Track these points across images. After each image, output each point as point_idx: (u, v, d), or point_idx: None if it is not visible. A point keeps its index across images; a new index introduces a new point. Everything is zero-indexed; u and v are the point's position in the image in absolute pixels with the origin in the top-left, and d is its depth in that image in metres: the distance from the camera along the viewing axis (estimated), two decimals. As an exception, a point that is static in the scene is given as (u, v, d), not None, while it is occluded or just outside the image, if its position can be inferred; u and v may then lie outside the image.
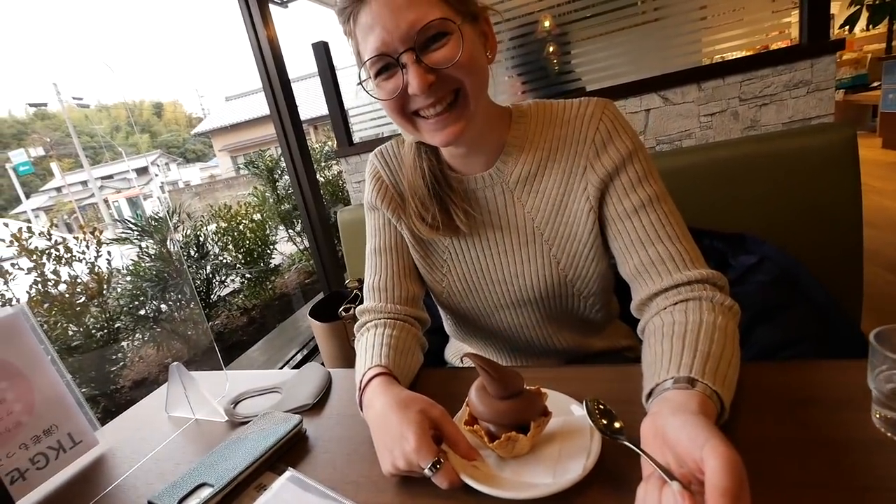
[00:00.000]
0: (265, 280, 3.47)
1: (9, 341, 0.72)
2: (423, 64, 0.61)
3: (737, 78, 1.96)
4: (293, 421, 0.71)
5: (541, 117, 0.75)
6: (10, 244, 1.69)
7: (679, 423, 0.41)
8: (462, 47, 0.61)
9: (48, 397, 0.74)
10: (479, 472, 0.53)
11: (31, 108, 5.01)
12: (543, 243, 0.76)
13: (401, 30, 0.59)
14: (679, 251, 0.66)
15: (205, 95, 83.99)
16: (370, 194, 0.84)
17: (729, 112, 2.01)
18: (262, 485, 0.63)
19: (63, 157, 4.73)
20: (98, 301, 1.95)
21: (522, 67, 2.44)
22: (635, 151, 0.70)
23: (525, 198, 0.76)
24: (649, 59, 2.22)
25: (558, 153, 0.73)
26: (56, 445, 0.74)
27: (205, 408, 0.83)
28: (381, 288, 0.82)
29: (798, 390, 0.56)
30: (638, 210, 0.68)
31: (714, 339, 0.55)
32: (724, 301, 0.62)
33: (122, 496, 0.67)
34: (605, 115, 0.71)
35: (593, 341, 0.88)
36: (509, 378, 0.55)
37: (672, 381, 0.50)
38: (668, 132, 2.10)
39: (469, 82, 0.64)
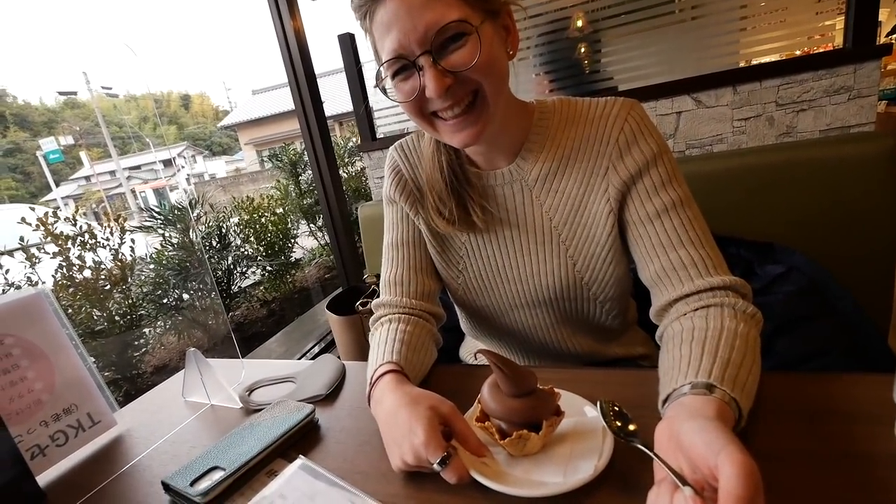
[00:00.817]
0: (285, 273, 3.51)
1: (30, 321, 0.74)
2: (440, 67, 0.60)
3: (775, 82, 1.89)
4: (306, 410, 0.72)
5: (564, 114, 0.73)
6: (36, 228, 1.75)
7: (695, 428, 0.40)
8: (480, 49, 0.60)
9: (68, 378, 0.76)
10: (488, 469, 0.53)
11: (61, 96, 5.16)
12: (560, 244, 0.75)
13: (418, 31, 0.58)
14: (702, 256, 0.65)
15: (232, 88, 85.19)
16: (388, 187, 0.84)
17: (764, 117, 1.95)
18: (274, 471, 0.63)
19: (92, 147, 4.86)
20: (121, 288, 2.00)
21: (551, 65, 2.38)
22: (660, 154, 0.68)
23: (543, 196, 0.75)
24: (683, 60, 2.15)
25: (580, 152, 0.72)
26: (76, 424, 0.76)
27: (220, 394, 0.84)
28: (398, 282, 0.82)
29: (818, 402, 0.55)
30: (661, 214, 0.67)
31: (735, 346, 0.54)
32: (747, 308, 0.61)
33: (138, 475, 0.68)
34: (631, 116, 0.69)
35: (609, 347, 0.86)
36: (523, 376, 0.54)
37: (690, 386, 0.49)
38: (699, 136, 2.05)
39: (488, 83, 0.63)
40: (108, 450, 0.77)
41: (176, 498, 0.61)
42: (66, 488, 0.68)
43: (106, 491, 0.66)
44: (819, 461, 0.47)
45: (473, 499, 0.51)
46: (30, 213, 1.73)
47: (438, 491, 0.53)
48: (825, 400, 0.55)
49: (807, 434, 0.50)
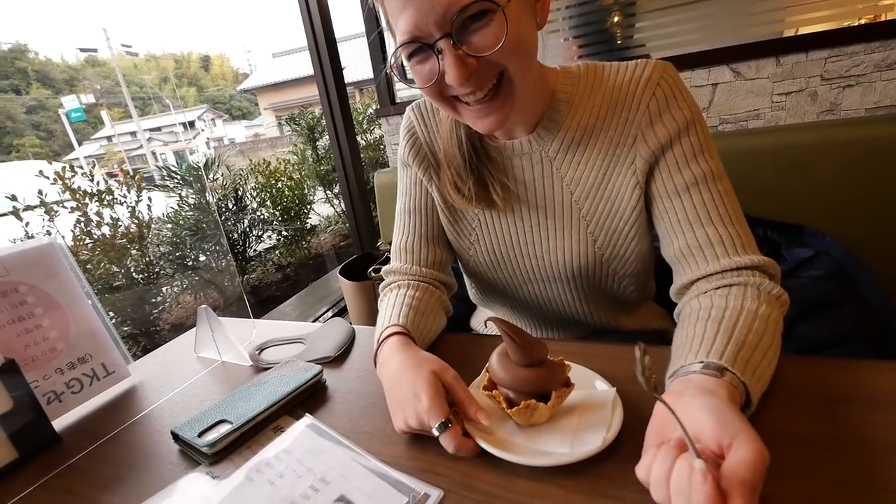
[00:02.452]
0: (301, 239, 3.54)
1: (42, 270, 0.75)
2: (462, 51, 0.54)
3: (822, 53, 1.73)
4: (314, 370, 0.72)
5: (590, 81, 0.68)
6: (54, 182, 1.77)
7: (709, 406, 0.40)
8: (507, 29, 0.53)
9: (83, 328, 0.78)
10: (494, 437, 0.53)
11: (82, 53, 5.16)
12: (581, 219, 0.72)
13: (437, 11, 0.52)
14: (731, 235, 0.61)
15: (252, 50, 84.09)
16: (403, 150, 0.80)
17: (807, 92, 1.80)
18: (280, 427, 0.64)
19: (113, 106, 4.89)
20: (138, 245, 2.03)
21: (580, 30, 2.23)
22: (693, 122, 0.63)
23: (565, 169, 0.70)
24: (723, 27, 1.97)
25: (607, 120, 0.67)
26: (90, 373, 0.78)
27: (231, 351, 0.85)
28: (409, 249, 0.81)
29: (837, 387, 0.53)
30: (690, 187, 0.63)
31: (753, 328, 0.51)
32: (773, 290, 0.58)
33: (149, 425, 0.70)
34: (664, 80, 0.64)
35: (624, 320, 0.84)
36: (533, 346, 0.53)
37: (701, 365, 0.47)
38: (734, 110, 1.92)
39: (515, 65, 0.57)
40: (121, 399, 0.79)
41: (184, 447, 0.62)
42: (80, 433, 0.71)
43: (118, 438, 0.68)
44: (834, 446, 0.46)
45: (477, 465, 0.51)
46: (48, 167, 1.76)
47: (440, 454, 0.52)
48: (845, 386, 0.53)
49: (824, 418, 0.49)
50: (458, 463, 0.51)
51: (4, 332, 0.70)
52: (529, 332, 0.86)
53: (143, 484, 0.57)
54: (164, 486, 0.56)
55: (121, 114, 4.95)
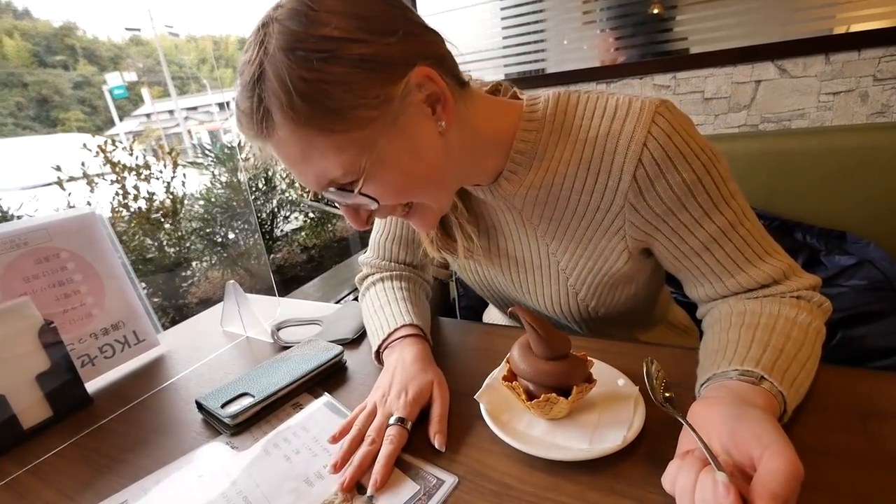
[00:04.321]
0: (327, 222, 3.56)
1: (83, 238, 0.78)
2: (351, 206, 0.53)
3: (877, 52, 1.63)
4: (335, 350, 0.73)
5: (557, 125, 0.56)
6: (97, 154, 1.83)
7: (744, 416, 0.38)
8: (376, 194, 0.50)
9: (117, 296, 0.81)
10: (511, 428, 0.52)
11: (128, 32, 5.26)
12: (560, 272, 0.66)
13: (310, 184, 0.50)
14: (767, 273, 0.55)
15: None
16: None
17: (857, 93, 1.70)
18: (299, 404, 0.66)
19: (153, 85, 4.99)
20: (172, 220, 2.09)
21: (617, 21, 2.12)
22: (698, 180, 0.52)
23: (537, 221, 0.63)
24: (769, 22, 1.86)
25: (579, 180, 0.57)
26: (122, 340, 0.81)
27: (255, 327, 0.87)
28: (385, 247, 0.80)
29: (874, 401, 0.51)
30: (708, 246, 0.56)
31: (791, 335, 0.48)
32: (813, 297, 0.54)
33: (175, 393, 0.73)
34: (653, 138, 0.51)
35: (638, 334, 0.82)
36: (556, 339, 0.52)
37: (738, 372, 0.45)
38: (777, 109, 1.83)
39: (416, 198, 0.54)
40: (150, 367, 0.82)
41: (207, 417, 0.64)
42: (111, 397, 0.74)
43: (146, 403, 0.71)
44: (868, 461, 0.44)
45: (493, 454, 0.51)
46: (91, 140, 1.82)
47: (457, 441, 0.53)
48: (883, 400, 0.51)
49: (858, 432, 0.47)
50: (474, 451, 0.51)
51: (45, 294, 0.73)
52: None
53: (167, 448, 0.59)
54: (187, 451, 0.58)
55: (160, 92, 5.05)
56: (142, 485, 0.54)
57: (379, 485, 0.48)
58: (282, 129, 0.45)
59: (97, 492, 0.53)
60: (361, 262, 0.83)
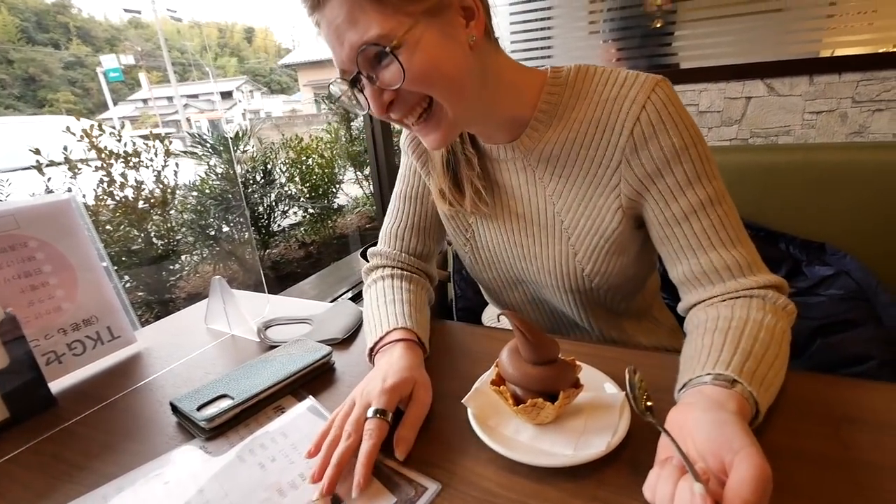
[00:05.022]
0: (327, 218, 3.52)
1: (56, 227, 0.74)
2: (376, 86, 0.56)
3: (855, 76, 1.79)
4: (323, 351, 0.71)
5: (577, 88, 0.65)
6: (81, 139, 1.74)
7: (717, 420, 0.40)
8: (407, 65, 0.53)
9: (92, 290, 0.77)
10: (498, 434, 0.52)
11: (126, 13, 5.19)
12: (563, 231, 0.70)
13: (345, 53, 0.55)
14: (736, 259, 0.60)
15: (296, 26, 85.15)
16: (405, 139, 0.81)
17: (837, 113, 1.86)
18: (281, 407, 0.63)
19: (152, 70, 4.92)
20: (161, 211, 2.03)
21: (619, 33, 2.31)
22: (685, 148, 0.60)
23: (547, 179, 0.69)
24: (761, 43, 2.03)
25: (589, 136, 0.64)
26: (95, 336, 0.77)
27: (241, 325, 0.84)
28: (398, 236, 0.82)
29: (848, 408, 0.53)
30: (688, 215, 0.61)
31: (758, 337, 0.52)
32: (778, 300, 0.58)
33: (149, 393, 0.69)
34: (651, 102, 0.59)
35: (630, 334, 0.83)
36: (545, 344, 0.52)
37: (711, 376, 0.48)
38: (765, 125, 1.97)
39: (435, 93, 0.57)
40: (124, 365, 0.78)
41: (182, 420, 0.61)
42: (77, 397, 0.69)
43: (116, 404, 0.67)
44: (842, 466, 0.46)
45: (478, 461, 0.50)
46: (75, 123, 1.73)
47: (442, 446, 0.52)
48: (857, 407, 0.53)
49: (833, 438, 0.49)
50: (459, 457, 0.51)
51: (8, 286, 0.68)
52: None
53: (136, 453, 0.56)
54: (157, 457, 0.54)
55: (159, 77, 4.95)
56: (102, 492, 0.51)
57: (362, 486, 0.47)
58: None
59: (53, 502, 0.49)
60: (371, 253, 0.84)
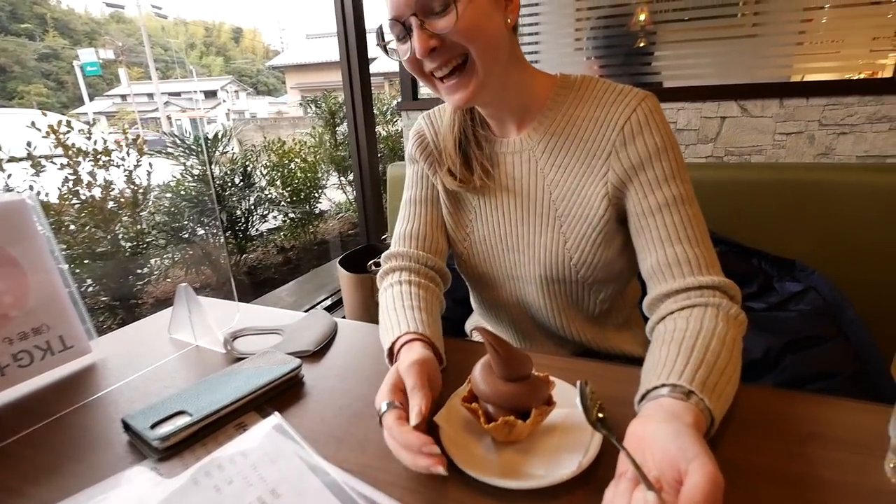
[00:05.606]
0: (308, 223, 3.47)
1: (7, 228, 0.69)
2: (426, 29, 0.64)
3: (821, 101, 1.92)
4: (292, 364, 0.68)
5: (582, 92, 0.76)
6: (46, 136, 1.68)
7: (672, 431, 0.43)
8: (462, 15, 0.62)
9: (44, 296, 0.72)
10: (469, 453, 0.51)
11: (108, 7, 5.10)
12: (556, 218, 0.77)
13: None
14: (696, 255, 0.67)
15: (286, 29, 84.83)
16: (411, 147, 0.88)
17: (805, 135, 1.98)
18: (244, 424, 0.60)
19: (132, 66, 4.83)
20: (131, 212, 1.95)
21: (602, 51, 2.42)
22: (665, 149, 0.69)
23: (548, 169, 0.77)
24: (736, 66, 2.19)
25: (588, 131, 0.74)
26: (44, 346, 0.72)
27: (208, 336, 0.80)
28: (412, 236, 0.85)
29: (815, 425, 0.54)
30: (661, 208, 0.69)
31: (710, 347, 0.55)
32: (731, 309, 0.62)
33: (101, 409, 0.65)
34: (641, 107, 0.70)
35: (608, 339, 0.87)
36: (517, 360, 0.52)
37: (668, 388, 0.51)
38: (739, 144, 2.08)
39: (474, 49, 0.66)
40: (76, 378, 0.73)
41: (134, 439, 0.57)
42: (19, 413, 0.65)
43: (62, 421, 0.62)
44: (804, 485, 0.47)
45: (448, 481, 0.48)
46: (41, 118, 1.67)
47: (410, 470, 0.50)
48: (824, 424, 0.55)
49: (798, 455, 0.50)
50: (429, 478, 0.49)
51: (-53, 291, 0.64)
52: (518, 342, 0.92)
53: (80, 476, 0.52)
54: (103, 480, 0.50)
55: (140, 73, 4.84)
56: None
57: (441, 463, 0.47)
58: None
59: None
60: (386, 256, 0.86)
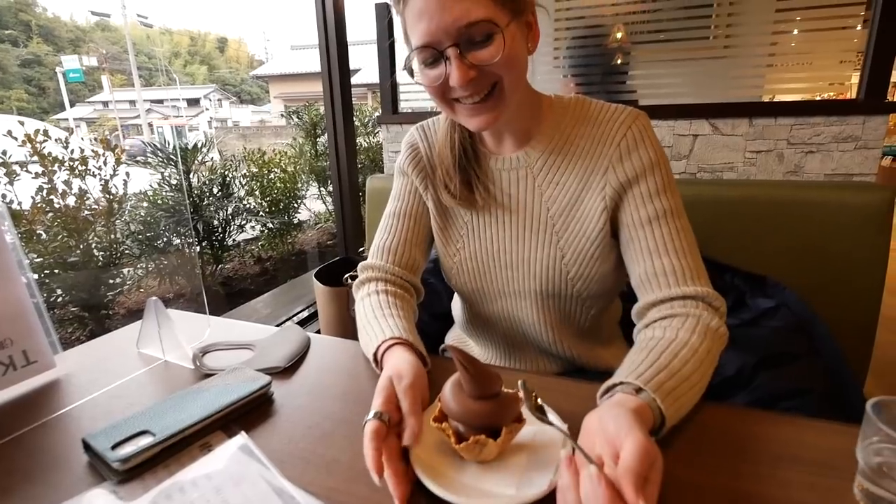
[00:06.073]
0: (286, 233, 3.44)
1: (-32, 238, 0.68)
2: (466, 60, 0.64)
3: (789, 121, 1.99)
4: (261, 381, 0.67)
5: (577, 113, 0.78)
6: (23, 144, 1.66)
7: (612, 416, 0.46)
8: (504, 47, 0.63)
9: (8, 308, 0.70)
10: (438, 473, 0.51)
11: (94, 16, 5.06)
12: (553, 234, 0.78)
13: (446, 23, 0.62)
14: (683, 266, 0.69)
15: (271, 40, 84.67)
16: (403, 160, 0.88)
17: (775, 153, 2.04)
18: (209, 444, 0.58)
19: (116, 73, 4.78)
20: (106, 221, 1.92)
21: (580, 69, 2.48)
22: (657, 164, 0.72)
23: (545, 186, 0.79)
24: (708, 86, 2.26)
25: (584, 149, 0.76)
26: (6, 361, 0.70)
27: (177, 350, 0.79)
28: (390, 249, 0.85)
29: (786, 446, 0.55)
30: (652, 220, 0.71)
31: (678, 354, 0.58)
32: (711, 322, 0.64)
33: (61, 427, 0.63)
34: (636, 125, 0.73)
35: (596, 356, 0.88)
36: (487, 378, 0.52)
37: (623, 385, 0.55)
38: (711, 161, 2.14)
39: (508, 78, 0.67)
40: (37, 395, 0.71)
41: (94, 460, 0.56)
42: (-24, 432, 0.63)
43: (20, 441, 0.60)
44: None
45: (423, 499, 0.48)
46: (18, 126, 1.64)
47: (378, 490, 0.49)
48: (794, 445, 0.55)
49: (767, 478, 0.50)
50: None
51: None
52: (505, 359, 0.92)
53: (37, 499, 0.50)
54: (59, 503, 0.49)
55: (123, 80, 4.79)
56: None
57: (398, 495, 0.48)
58: None
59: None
60: (362, 266, 0.87)
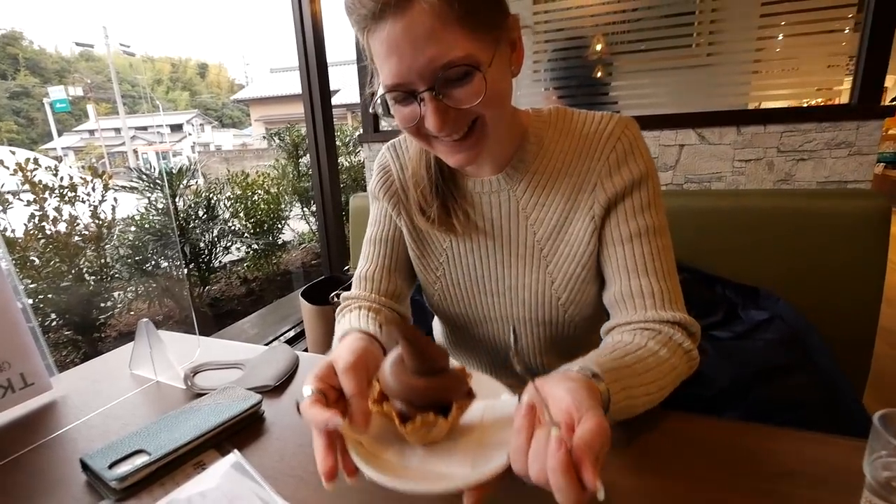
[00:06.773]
0: (271, 254, 3.46)
1: (-33, 265, 0.70)
2: (442, 102, 0.57)
3: (779, 128, 1.91)
4: (252, 400, 0.68)
5: (559, 125, 0.72)
6: (14, 173, 1.69)
7: (569, 388, 0.44)
8: (486, 87, 0.56)
9: (6, 332, 0.72)
10: (382, 462, 0.46)
11: (78, 47, 5.08)
12: (542, 259, 0.74)
13: (420, 65, 0.54)
14: (661, 289, 0.65)
15: (250, 64, 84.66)
16: (374, 183, 0.82)
17: (765, 161, 1.97)
18: (202, 463, 0.60)
19: (101, 101, 4.80)
20: (95, 246, 1.94)
21: (561, 82, 2.43)
22: (647, 177, 0.68)
23: (530, 209, 0.73)
24: (693, 95, 2.19)
25: (571, 165, 0.71)
26: (5, 384, 0.72)
27: (168, 371, 0.81)
28: (370, 278, 0.81)
29: (786, 460, 0.53)
30: (633, 238, 0.67)
31: (642, 358, 0.56)
32: (684, 343, 0.62)
33: (59, 448, 0.65)
34: (625, 135, 0.68)
35: None
36: (432, 352, 0.47)
37: (578, 367, 0.51)
38: (698, 171, 2.06)
39: (490, 114, 0.60)
40: (35, 416, 0.73)
41: (92, 479, 0.57)
42: (-23, 454, 0.64)
43: (19, 462, 0.62)
44: None
45: (363, 494, 0.48)
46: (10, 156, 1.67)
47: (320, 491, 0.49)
48: (794, 459, 0.53)
49: (768, 493, 0.49)
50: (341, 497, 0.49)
51: None
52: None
53: (37, 518, 0.52)
54: (60, 522, 0.51)
55: (108, 109, 4.84)
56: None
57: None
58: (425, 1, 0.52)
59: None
60: (344, 297, 0.82)
